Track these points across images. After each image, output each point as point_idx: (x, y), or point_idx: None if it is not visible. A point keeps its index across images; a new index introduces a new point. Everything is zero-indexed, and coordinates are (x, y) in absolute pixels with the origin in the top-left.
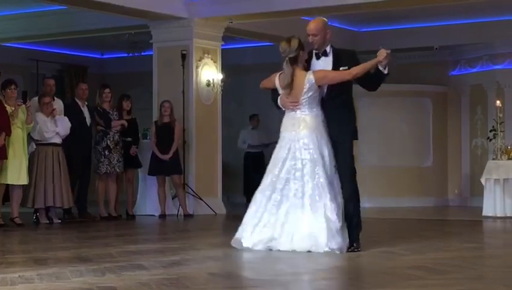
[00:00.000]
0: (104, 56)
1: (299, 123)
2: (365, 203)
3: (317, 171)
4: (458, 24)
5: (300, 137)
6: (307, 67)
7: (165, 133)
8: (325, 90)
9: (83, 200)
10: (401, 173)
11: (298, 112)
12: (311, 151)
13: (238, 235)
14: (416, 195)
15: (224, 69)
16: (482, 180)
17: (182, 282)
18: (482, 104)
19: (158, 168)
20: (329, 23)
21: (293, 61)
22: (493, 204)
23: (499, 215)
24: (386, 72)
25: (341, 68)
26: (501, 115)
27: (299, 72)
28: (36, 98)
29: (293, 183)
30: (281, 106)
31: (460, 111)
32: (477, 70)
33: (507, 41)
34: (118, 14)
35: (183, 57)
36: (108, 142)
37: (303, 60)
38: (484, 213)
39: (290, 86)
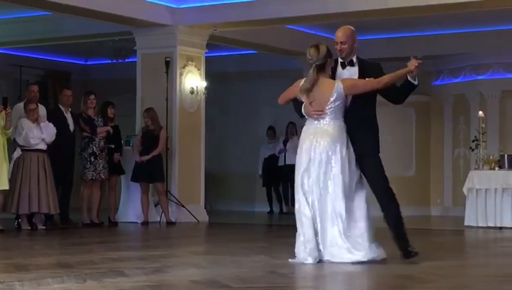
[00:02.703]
0: (88, 62)
1: (322, 133)
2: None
3: (336, 183)
4: (441, 34)
5: (322, 147)
6: (332, 77)
7: (150, 140)
8: (349, 100)
9: (65, 206)
10: None
11: (322, 121)
12: (332, 162)
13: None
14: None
15: (208, 76)
16: (464, 190)
17: (164, 289)
18: (465, 114)
19: (141, 175)
20: (312, 32)
21: (320, 69)
22: (475, 214)
23: (480, 225)
24: (416, 82)
25: (369, 80)
26: (483, 125)
27: (325, 80)
28: (21, 104)
29: (316, 194)
30: (305, 115)
31: (443, 121)
32: (460, 80)
33: (490, 51)
34: (102, 21)
35: (167, 64)
36: (94, 148)
37: (329, 67)
38: (466, 223)
39: (308, 91)
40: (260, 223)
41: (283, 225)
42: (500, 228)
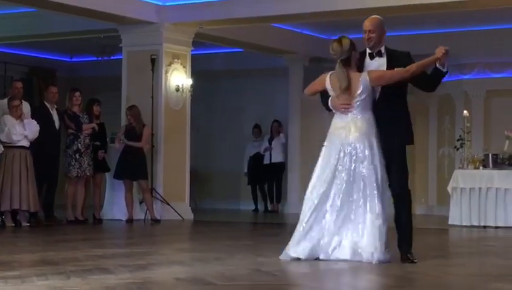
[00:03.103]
0: (73, 59)
1: (350, 127)
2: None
3: (366, 180)
4: (426, 34)
5: (351, 142)
6: (360, 68)
7: (133, 137)
8: (378, 92)
9: (50, 203)
10: None
11: (350, 115)
12: (360, 156)
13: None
14: None
15: (194, 74)
16: (449, 189)
17: (148, 286)
18: (450, 113)
19: (124, 172)
20: (298, 31)
21: (346, 63)
22: (459, 213)
23: (464, 224)
24: (445, 70)
25: (396, 69)
26: (468, 125)
27: (352, 73)
28: (4, 101)
29: (340, 190)
30: (332, 109)
31: (428, 120)
32: (445, 80)
33: (475, 51)
34: (87, 18)
35: (153, 61)
36: (79, 145)
37: (355, 60)
38: (450, 222)
39: (347, 89)
40: (245, 221)
41: (268, 223)
42: (484, 227)
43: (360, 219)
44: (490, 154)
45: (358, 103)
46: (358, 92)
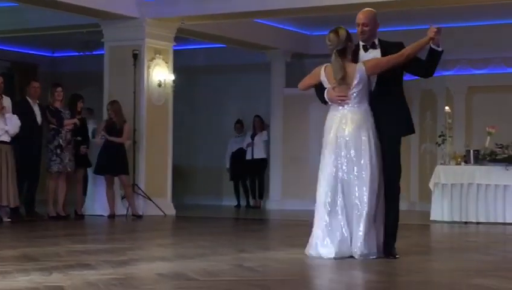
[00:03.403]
0: (55, 54)
1: (347, 119)
2: (312, 205)
3: (363, 173)
4: (409, 30)
5: (347, 135)
6: (355, 60)
7: (113, 132)
8: (374, 82)
9: (32, 199)
10: None
11: (346, 107)
12: (357, 150)
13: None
14: None
15: (176, 70)
16: (431, 185)
17: (130, 282)
18: (432, 109)
19: (104, 168)
20: (281, 26)
21: (342, 54)
22: (441, 209)
23: (446, 219)
24: (440, 49)
25: (390, 55)
26: (450, 121)
27: (347, 64)
28: None
29: (341, 184)
30: (328, 101)
31: None
32: None
33: (457, 47)
34: (69, 13)
35: (135, 57)
36: (61, 140)
37: (351, 51)
38: (432, 218)
39: (343, 79)
40: (227, 217)
41: (250, 219)
42: (466, 222)
43: (357, 215)
44: (472, 150)
45: (355, 94)
46: (355, 82)
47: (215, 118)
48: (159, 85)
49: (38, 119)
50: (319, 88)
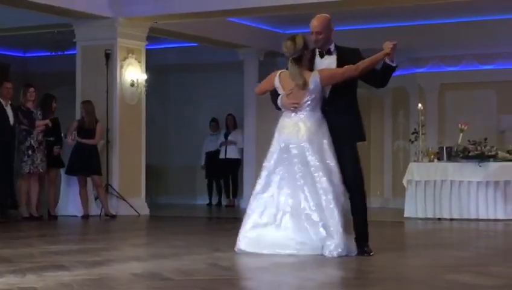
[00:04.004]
0: (27, 54)
1: (299, 127)
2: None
3: (318, 178)
4: (380, 28)
5: (300, 141)
6: (310, 67)
7: (85, 133)
8: (328, 90)
9: (4, 200)
10: None
11: (299, 114)
12: (310, 156)
13: None
14: None
15: (149, 69)
16: (404, 182)
17: (105, 282)
18: (404, 107)
19: (77, 168)
20: (254, 25)
21: (298, 61)
22: (415, 205)
23: (420, 216)
24: (394, 64)
25: (346, 67)
26: (423, 118)
27: (303, 72)
28: None
29: (288, 188)
30: (281, 107)
31: (382, 114)
32: (399, 73)
33: (428, 45)
34: (41, 12)
35: (107, 56)
36: (32, 141)
37: (307, 59)
38: (406, 214)
39: (305, 85)
40: (201, 215)
41: (223, 218)
42: (439, 219)
43: (311, 215)
44: (444, 147)
45: (308, 102)
46: (309, 91)
47: (188, 117)
48: (132, 84)
49: (11, 120)
50: (274, 93)
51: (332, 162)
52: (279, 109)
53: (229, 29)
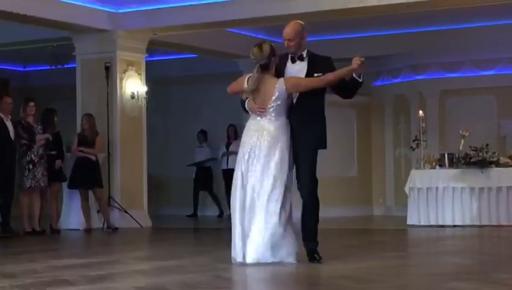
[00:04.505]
0: (27, 69)
1: (263, 130)
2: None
3: (274, 181)
4: (380, 35)
5: (262, 145)
6: (282, 70)
7: (86, 145)
8: (295, 98)
9: (6, 215)
10: (326, 183)
11: (264, 118)
12: (270, 161)
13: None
14: (341, 204)
15: (149, 81)
16: (406, 189)
17: None
18: (405, 114)
19: (78, 182)
20: (253, 35)
21: (264, 68)
22: (417, 213)
23: (422, 223)
24: (360, 80)
25: (315, 74)
26: (423, 125)
27: (269, 78)
28: None
29: (251, 191)
30: (248, 110)
31: (383, 121)
32: (400, 80)
33: (428, 52)
34: (40, 26)
35: (107, 69)
36: (33, 156)
37: (274, 66)
38: (408, 222)
39: (253, 92)
40: (203, 227)
41: (225, 229)
42: (442, 226)
43: (268, 220)
44: (446, 154)
45: (272, 108)
46: (273, 97)
47: (188, 128)
48: (132, 97)
49: (12, 134)
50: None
51: (286, 170)
52: (246, 111)
53: (228, 39)
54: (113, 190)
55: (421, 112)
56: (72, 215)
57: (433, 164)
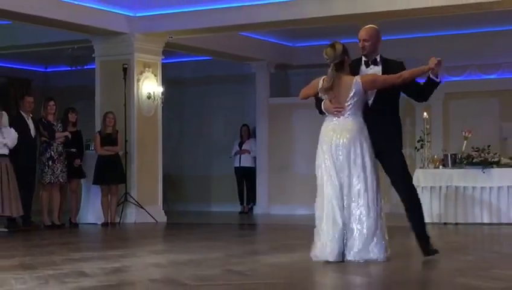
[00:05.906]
0: (48, 69)
1: (341, 129)
2: (297, 210)
3: (357, 178)
4: (386, 39)
5: (342, 143)
6: (355, 75)
7: (108, 143)
8: (371, 97)
9: (27, 209)
10: None
11: (342, 118)
12: (352, 159)
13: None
14: None
15: (165, 82)
16: None
17: (124, 288)
18: (411, 116)
19: (105, 178)
20: (265, 39)
21: (339, 67)
22: None
23: (426, 221)
24: (438, 80)
25: (388, 75)
26: (428, 127)
27: (345, 76)
28: None
29: (342, 190)
30: (324, 111)
31: None
32: None
33: (433, 55)
34: (61, 29)
35: (125, 70)
36: (52, 153)
37: (347, 65)
38: None
39: (328, 90)
40: (217, 222)
41: (238, 224)
42: (445, 223)
43: (361, 219)
44: (449, 154)
45: (350, 106)
46: (351, 94)
47: (202, 127)
48: (149, 97)
49: (32, 132)
50: (318, 98)
51: (369, 166)
52: (322, 113)
53: (241, 43)
54: (130, 186)
55: (425, 114)
56: (90, 210)
57: (437, 163)
